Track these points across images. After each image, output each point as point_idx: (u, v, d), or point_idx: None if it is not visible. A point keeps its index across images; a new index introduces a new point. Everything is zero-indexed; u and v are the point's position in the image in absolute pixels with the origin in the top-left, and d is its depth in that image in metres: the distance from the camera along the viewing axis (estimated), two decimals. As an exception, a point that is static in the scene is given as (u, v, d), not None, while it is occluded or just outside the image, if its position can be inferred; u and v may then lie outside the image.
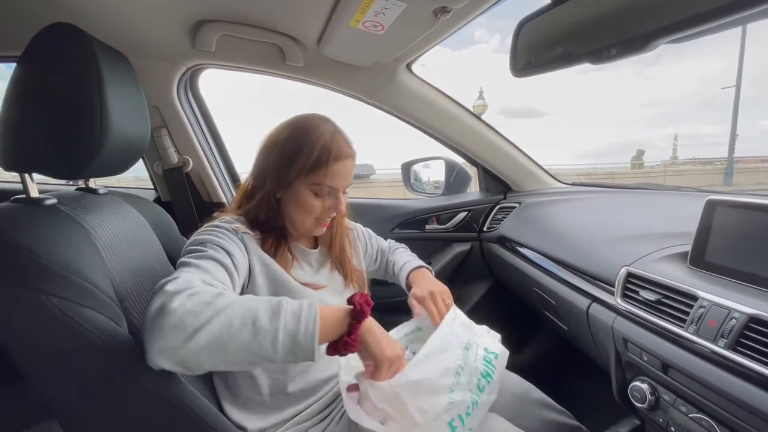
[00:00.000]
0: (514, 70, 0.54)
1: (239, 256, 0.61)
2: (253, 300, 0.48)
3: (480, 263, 1.38)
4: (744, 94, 15.29)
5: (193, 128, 1.19)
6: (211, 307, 0.45)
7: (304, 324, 0.47)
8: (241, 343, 0.45)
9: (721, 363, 0.51)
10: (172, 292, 0.46)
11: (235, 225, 0.65)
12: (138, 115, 0.68)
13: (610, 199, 1.13)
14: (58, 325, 0.46)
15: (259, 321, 0.45)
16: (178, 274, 0.50)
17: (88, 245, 0.55)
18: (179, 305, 0.44)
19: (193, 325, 0.43)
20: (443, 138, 1.27)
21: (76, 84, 0.56)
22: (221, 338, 0.44)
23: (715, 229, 0.61)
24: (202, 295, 0.46)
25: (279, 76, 1.14)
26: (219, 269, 0.56)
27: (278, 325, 0.46)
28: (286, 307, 0.48)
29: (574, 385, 1.14)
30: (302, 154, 0.64)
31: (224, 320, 0.44)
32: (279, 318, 0.46)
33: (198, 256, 0.56)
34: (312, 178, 0.65)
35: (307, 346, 0.46)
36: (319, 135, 0.66)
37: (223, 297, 0.47)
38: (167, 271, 0.75)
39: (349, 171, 0.69)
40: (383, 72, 1.12)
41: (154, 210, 0.84)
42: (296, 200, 0.67)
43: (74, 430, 0.51)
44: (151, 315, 0.44)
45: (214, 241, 0.60)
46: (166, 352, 0.43)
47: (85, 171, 0.61)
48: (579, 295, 0.80)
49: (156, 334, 0.43)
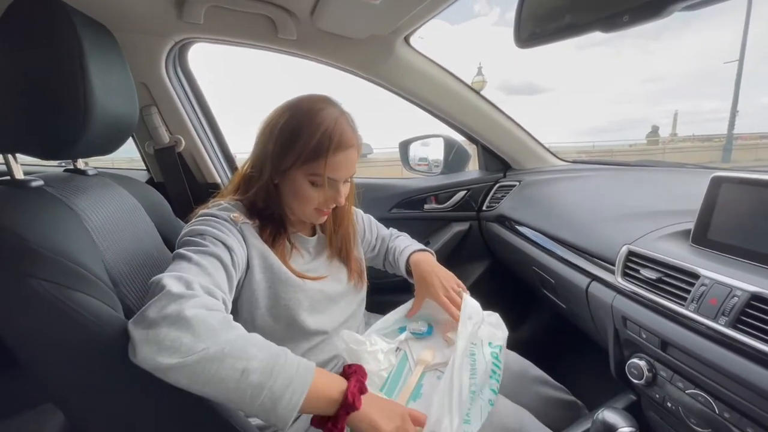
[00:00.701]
0: (518, 40, 0.51)
1: (239, 250, 0.59)
2: (254, 344, 0.45)
3: (479, 242, 1.38)
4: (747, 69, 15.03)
5: (183, 106, 1.15)
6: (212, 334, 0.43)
7: (291, 392, 0.44)
8: (222, 386, 0.42)
9: (720, 341, 0.50)
10: (176, 294, 0.44)
11: (234, 214, 0.62)
12: (124, 91, 0.65)
13: (611, 177, 1.11)
14: (51, 310, 0.45)
15: (249, 372, 0.42)
16: (178, 272, 0.48)
17: (77, 228, 0.54)
18: (187, 319, 0.42)
19: (189, 348, 0.41)
20: (442, 114, 1.24)
21: (56, 59, 0.53)
22: (207, 373, 0.42)
23: (719, 207, 0.60)
24: (212, 316, 0.44)
25: (271, 50, 1.10)
26: (218, 270, 0.53)
27: (265, 384, 0.43)
28: (283, 366, 0.45)
29: (571, 362, 1.16)
30: (300, 140, 0.60)
31: (218, 355, 0.42)
32: (271, 377, 0.43)
33: (198, 251, 0.53)
34: (310, 168, 0.62)
35: (283, 416, 0.43)
36: (321, 120, 0.61)
37: (228, 327, 0.45)
38: (163, 254, 0.74)
39: (351, 162, 0.64)
40: (380, 45, 1.07)
41: (147, 191, 0.82)
42: (293, 189, 0.64)
43: (72, 414, 0.51)
44: (153, 314, 0.42)
45: (215, 234, 0.57)
46: (153, 364, 0.41)
47: (71, 150, 0.59)
48: (578, 273, 0.80)
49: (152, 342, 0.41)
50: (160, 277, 0.47)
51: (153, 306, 0.43)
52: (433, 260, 0.83)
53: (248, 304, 0.62)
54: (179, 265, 0.51)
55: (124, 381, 0.48)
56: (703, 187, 0.62)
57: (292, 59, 1.15)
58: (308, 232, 0.76)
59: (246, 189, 0.68)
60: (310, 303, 0.66)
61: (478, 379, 0.61)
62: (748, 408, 0.48)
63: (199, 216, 0.62)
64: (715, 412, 0.52)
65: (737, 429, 0.49)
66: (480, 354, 0.63)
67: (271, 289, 0.63)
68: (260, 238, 0.64)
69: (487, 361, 0.64)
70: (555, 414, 0.79)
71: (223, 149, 1.29)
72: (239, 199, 0.68)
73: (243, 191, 0.69)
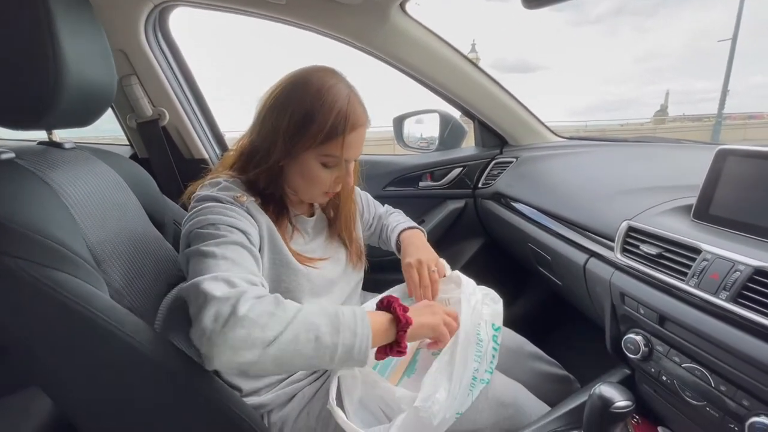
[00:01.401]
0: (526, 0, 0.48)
1: (253, 231, 0.57)
2: (313, 313, 0.49)
3: (474, 220, 1.37)
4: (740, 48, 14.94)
5: (167, 76, 1.09)
6: (276, 319, 0.45)
7: (359, 340, 0.49)
8: (304, 356, 0.46)
9: (721, 315, 0.50)
10: (223, 298, 0.44)
11: (236, 194, 0.59)
12: (100, 58, 0.60)
13: (610, 153, 1.09)
14: (28, 290, 0.43)
15: (321, 337, 0.47)
16: (212, 272, 0.47)
17: (54, 203, 0.51)
18: (244, 316, 0.43)
19: (263, 340, 0.44)
20: (438, 87, 1.19)
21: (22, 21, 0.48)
22: (288, 353, 0.45)
23: (723, 180, 0.59)
24: (263, 303, 0.46)
25: (258, 16, 1.03)
26: (245, 257, 0.52)
27: (338, 341, 0.48)
28: (344, 322, 0.49)
29: (564, 337, 1.18)
30: (315, 123, 0.57)
31: (291, 335, 0.45)
32: (338, 334, 0.48)
33: (219, 243, 0.51)
34: (324, 149, 0.59)
35: (360, 359, 0.49)
36: (334, 99, 0.57)
37: (284, 307, 0.47)
38: (149, 231, 0.71)
39: (362, 140, 0.63)
40: (374, 11, 1.01)
41: (131, 166, 0.78)
42: (302, 171, 0.61)
43: (58, 396, 0.49)
44: (210, 324, 0.42)
45: (227, 222, 0.54)
46: (235, 365, 0.43)
47: (42, 120, 0.54)
48: (576, 250, 0.79)
49: (222, 347, 0.42)
50: (198, 283, 0.46)
51: (205, 315, 0.43)
52: (420, 238, 0.81)
53: None
54: (206, 264, 0.49)
55: (109, 361, 0.47)
56: (701, 163, 0.61)
57: (281, 28, 1.08)
58: (307, 213, 0.73)
59: (245, 166, 0.64)
60: (311, 287, 0.64)
61: (480, 365, 0.61)
62: (744, 381, 0.48)
63: (200, 200, 0.58)
64: (710, 385, 0.52)
65: (732, 401, 0.50)
66: (486, 338, 0.62)
67: (273, 270, 0.61)
68: (266, 214, 0.61)
69: (489, 344, 0.63)
70: (548, 388, 0.80)
71: (210, 123, 1.24)
72: (236, 176, 0.64)
73: (241, 168, 0.65)
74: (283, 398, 0.64)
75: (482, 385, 0.61)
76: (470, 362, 0.59)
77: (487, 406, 0.65)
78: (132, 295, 0.58)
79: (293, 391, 0.65)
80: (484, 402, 0.65)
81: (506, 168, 1.23)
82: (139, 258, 0.64)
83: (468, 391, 0.58)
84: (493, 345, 0.63)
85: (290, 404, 0.64)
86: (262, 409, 0.63)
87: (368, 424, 0.55)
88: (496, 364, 0.65)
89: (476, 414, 0.63)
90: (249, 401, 0.61)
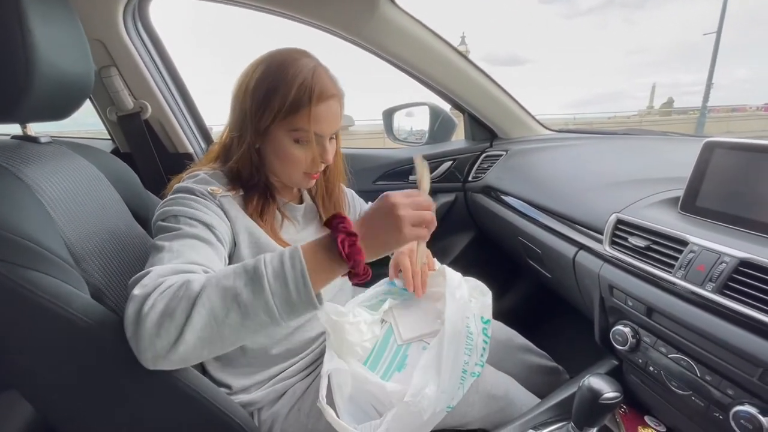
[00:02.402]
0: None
1: (220, 226, 0.54)
2: (226, 276, 0.42)
3: (464, 214, 1.37)
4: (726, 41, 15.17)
5: (148, 68, 1.05)
6: (182, 300, 0.40)
7: (294, 284, 0.42)
8: (234, 326, 0.41)
9: (707, 306, 0.51)
10: (140, 296, 0.41)
11: (211, 187, 0.57)
12: (75, 47, 0.58)
13: (599, 146, 1.10)
14: (2, 291, 0.41)
15: (241, 297, 0.41)
16: (148, 268, 0.45)
17: (28, 200, 0.48)
18: (150, 309, 0.40)
19: (177, 326, 0.39)
20: (428, 80, 1.18)
21: None
22: (211, 330, 0.40)
23: (710, 172, 0.59)
24: (171, 290, 0.41)
25: (242, 6, 1.00)
26: (197, 249, 0.49)
27: (266, 296, 0.41)
28: (266, 271, 0.42)
29: (553, 329, 1.20)
30: (278, 95, 0.56)
31: (205, 311, 0.40)
32: (262, 288, 0.41)
33: (171, 237, 0.49)
34: (291, 123, 0.57)
35: (306, 301, 0.42)
36: (298, 71, 0.56)
37: (189, 285, 0.41)
38: (132, 229, 0.69)
39: (335, 114, 0.60)
40: (363, 1, 0.99)
41: (112, 161, 0.75)
42: (276, 150, 0.59)
43: (36, 400, 0.47)
44: (129, 325, 0.41)
45: (189, 214, 0.52)
46: (161, 360, 0.41)
47: (14, 113, 0.52)
48: (566, 243, 0.80)
49: (142, 346, 0.40)
50: (132, 280, 0.44)
51: (127, 314, 0.41)
52: None
53: None
54: (153, 258, 0.47)
55: (89, 363, 0.45)
56: (688, 155, 0.61)
57: (267, 18, 1.05)
58: (296, 200, 0.72)
59: (226, 158, 0.63)
60: None
61: (471, 358, 0.60)
62: (729, 370, 0.49)
63: (174, 192, 0.57)
64: (696, 375, 0.53)
65: (717, 390, 0.51)
66: (475, 331, 0.62)
67: None
68: (245, 210, 0.60)
69: (479, 337, 0.63)
70: (538, 379, 0.81)
71: (194, 116, 1.20)
72: (219, 169, 0.62)
73: (223, 160, 0.64)
74: (272, 396, 0.63)
75: (473, 378, 0.61)
76: (460, 355, 0.59)
77: (478, 399, 0.65)
78: (114, 295, 0.56)
79: (283, 388, 0.64)
80: (474, 395, 0.65)
81: (496, 161, 1.23)
82: (122, 255, 0.62)
83: (458, 384, 0.58)
84: (483, 338, 0.63)
85: (280, 401, 0.63)
86: (252, 407, 0.62)
87: (359, 420, 0.54)
88: (486, 357, 0.65)
89: (467, 407, 0.64)
90: (238, 399, 0.60)
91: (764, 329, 0.45)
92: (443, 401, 0.55)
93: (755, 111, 23.03)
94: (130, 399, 0.48)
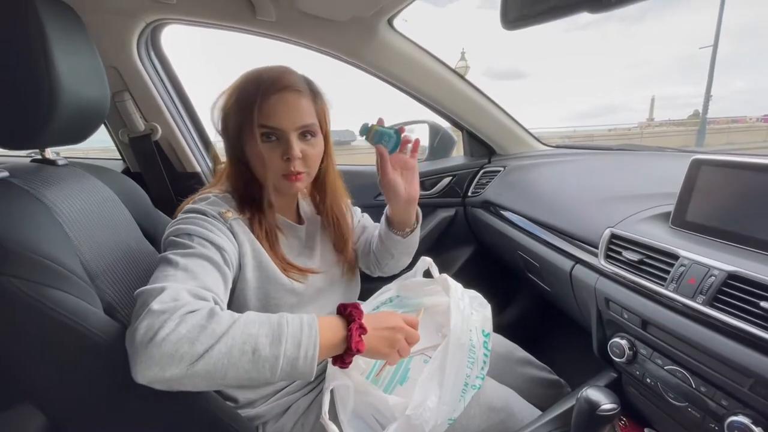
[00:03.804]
0: (505, 21, 0.50)
1: (230, 249, 0.56)
2: (252, 323, 0.45)
3: (464, 228, 1.39)
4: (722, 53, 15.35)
5: (159, 92, 1.10)
6: (207, 333, 0.42)
7: (305, 350, 0.46)
8: (240, 371, 0.43)
9: (698, 318, 0.52)
10: (159, 312, 0.41)
11: (223, 210, 0.59)
12: (93, 76, 0.62)
13: (594, 161, 1.13)
14: (24, 308, 0.43)
15: (259, 349, 0.44)
16: (163, 282, 0.45)
17: (48, 221, 0.51)
18: (172, 331, 0.40)
19: (191, 355, 0.41)
20: (427, 100, 1.22)
21: (17, 42, 0.50)
22: (221, 367, 0.42)
23: (698, 189, 0.61)
24: (196, 316, 0.43)
25: (249, 33, 1.05)
26: (208, 272, 0.51)
27: (279, 353, 0.44)
28: (287, 332, 0.46)
29: (554, 342, 1.20)
30: (235, 99, 0.59)
31: (224, 349, 0.42)
32: (280, 345, 0.45)
33: (185, 254, 0.50)
34: (251, 120, 0.58)
35: (305, 371, 0.46)
36: (259, 73, 0.60)
37: (218, 320, 0.44)
38: (142, 246, 0.71)
39: (291, 107, 0.59)
40: (363, 27, 1.04)
41: (123, 182, 0.79)
42: (251, 154, 0.60)
43: (52, 413, 0.49)
44: (140, 337, 0.40)
45: (203, 234, 0.54)
46: (162, 381, 0.41)
47: (37, 139, 0.55)
48: (562, 257, 0.82)
49: (148, 363, 0.40)
50: (144, 291, 0.45)
51: (138, 326, 0.41)
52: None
53: (238, 303, 0.60)
54: (165, 272, 0.48)
55: (104, 377, 0.47)
56: (681, 171, 0.63)
57: (271, 43, 1.10)
58: (295, 218, 0.74)
59: (227, 178, 0.66)
60: (299, 300, 0.65)
61: (472, 371, 0.62)
62: (722, 381, 0.50)
63: (186, 212, 0.58)
64: (691, 387, 0.54)
65: (712, 401, 0.52)
66: (477, 344, 0.63)
67: (261, 289, 0.61)
68: (252, 233, 0.62)
69: (480, 350, 0.64)
70: (539, 393, 0.81)
71: (202, 136, 1.25)
72: (227, 191, 0.65)
73: (226, 180, 0.66)
74: (277, 410, 0.64)
75: (474, 390, 0.62)
76: (462, 368, 0.60)
77: (479, 412, 0.66)
78: (125, 310, 0.58)
79: (287, 403, 0.65)
80: (475, 408, 0.66)
81: (494, 177, 1.26)
82: (133, 273, 0.64)
83: (460, 396, 0.60)
84: (484, 351, 0.65)
85: (285, 416, 0.64)
86: (257, 421, 0.63)
87: None
88: (487, 370, 0.66)
89: (468, 420, 0.64)
90: (244, 413, 0.62)
91: (753, 340, 0.46)
92: (445, 414, 0.56)
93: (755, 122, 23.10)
94: (139, 412, 0.50)
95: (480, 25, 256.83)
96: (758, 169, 0.55)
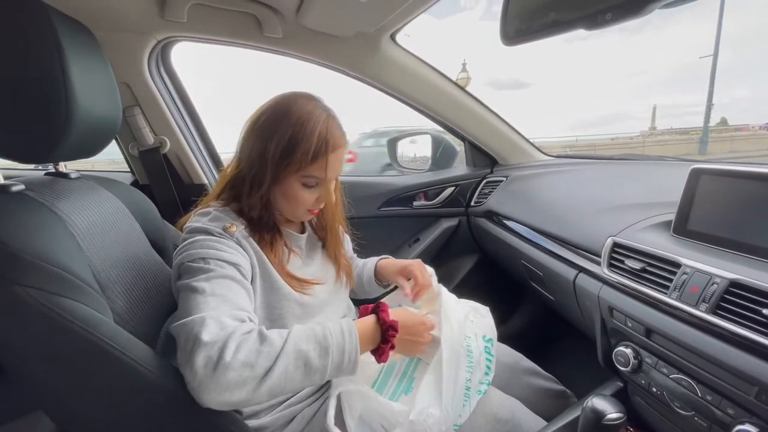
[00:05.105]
0: (505, 38, 0.52)
1: (244, 263, 0.58)
2: (300, 339, 0.50)
3: (467, 238, 1.39)
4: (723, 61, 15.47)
5: (168, 106, 1.13)
6: (263, 356, 0.47)
7: (348, 355, 0.51)
8: (295, 383, 0.48)
9: (702, 326, 0.53)
10: (211, 342, 0.45)
11: (226, 225, 0.60)
12: (107, 92, 0.64)
13: (595, 171, 1.14)
14: (38, 318, 0.44)
15: (311, 363, 0.49)
16: (197, 312, 0.48)
17: (62, 232, 0.53)
18: (232, 359, 0.44)
19: (254, 378, 0.45)
20: (429, 111, 1.24)
21: (35, 59, 0.51)
22: (280, 384, 0.47)
23: (698, 198, 0.62)
24: (249, 341, 0.47)
25: (256, 49, 1.08)
26: (235, 291, 0.53)
27: (327, 363, 0.50)
28: (332, 343, 0.51)
29: (560, 352, 1.19)
30: (300, 149, 0.60)
31: (282, 368, 0.47)
32: (328, 356, 0.50)
33: (207, 279, 0.52)
34: (305, 171, 0.62)
35: (349, 372, 0.52)
36: (315, 124, 0.61)
37: (270, 342, 0.48)
38: (150, 257, 0.73)
39: (341, 160, 0.66)
40: (366, 43, 1.07)
41: (132, 194, 0.80)
42: (286, 194, 0.64)
43: (63, 421, 0.50)
44: (201, 369, 0.44)
45: (216, 255, 0.55)
46: (230, 405, 0.45)
47: (53, 154, 0.57)
48: (566, 266, 0.82)
49: (218, 390, 0.44)
50: (186, 324, 0.47)
51: (196, 360, 0.44)
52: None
53: None
54: (195, 301, 0.50)
55: (113, 385, 0.48)
56: (682, 180, 0.64)
57: (277, 57, 1.14)
58: (298, 230, 0.76)
59: (234, 194, 0.66)
60: (303, 310, 0.66)
61: (473, 375, 0.62)
62: (728, 390, 0.50)
63: (190, 232, 0.59)
64: (697, 395, 0.54)
65: (718, 410, 0.52)
66: (477, 350, 0.64)
67: (265, 298, 0.63)
68: (256, 243, 0.63)
69: (481, 355, 0.65)
70: (545, 403, 0.81)
71: (209, 149, 1.27)
72: (227, 205, 0.65)
73: (230, 197, 0.67)
74: (282, 420, 0.64)
75: (479, 395, 0.62)
76: (462, 374, 0.60)
77: (485, 422, 0.66)
78: (135, 320, 0.60)
79: (292, 413, 0.65)
80: (481, 418, 0.66)
81: (497, 186, 1.27)
82: (142, 283, 0.65)
83: (463, 401, 0.60)
84: (487, 356, 0.65)
85: (290, 426, 0.64)
86: (265, 431, 0.63)
87: None
88: (492, 376, 0.66)
89: (473, 430, 0.64)
90: (249, 424, 0.62)
91: (757, 348, 0.46)
92: (450, 419, 0.56)
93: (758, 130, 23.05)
94: (146, 420, 0.51)
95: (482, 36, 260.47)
96: (756, 177, 0.55)
